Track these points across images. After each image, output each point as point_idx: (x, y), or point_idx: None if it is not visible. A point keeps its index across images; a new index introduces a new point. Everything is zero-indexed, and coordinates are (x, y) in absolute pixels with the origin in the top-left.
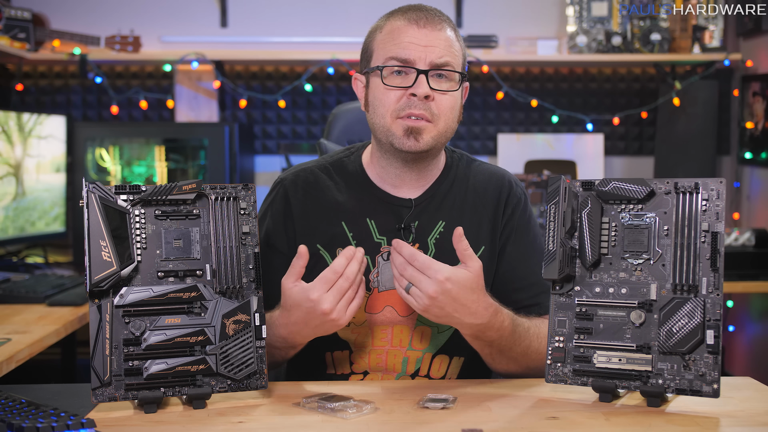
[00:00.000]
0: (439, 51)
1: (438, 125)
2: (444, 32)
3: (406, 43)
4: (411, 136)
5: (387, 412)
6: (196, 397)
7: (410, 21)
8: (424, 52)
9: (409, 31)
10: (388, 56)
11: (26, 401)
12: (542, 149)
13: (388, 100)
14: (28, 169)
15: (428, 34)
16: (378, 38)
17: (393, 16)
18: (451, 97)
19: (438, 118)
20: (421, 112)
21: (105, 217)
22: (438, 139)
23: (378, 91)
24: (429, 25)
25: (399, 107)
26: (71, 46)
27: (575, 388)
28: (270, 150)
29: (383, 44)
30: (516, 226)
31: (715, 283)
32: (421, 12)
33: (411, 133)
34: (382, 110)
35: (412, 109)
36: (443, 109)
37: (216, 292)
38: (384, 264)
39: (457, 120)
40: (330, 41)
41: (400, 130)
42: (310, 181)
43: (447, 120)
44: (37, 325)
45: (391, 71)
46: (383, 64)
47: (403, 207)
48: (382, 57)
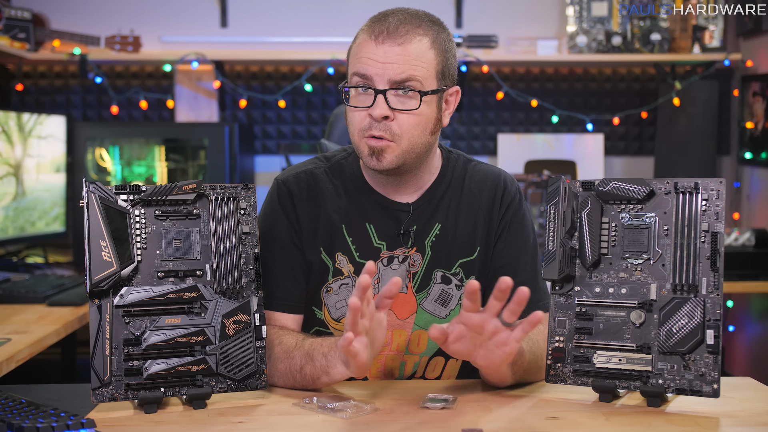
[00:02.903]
0: (398, 67)
1: (401, 144)
2: (408, 45)
3: (365, 59)
4: (373, 156)
5: (387, 412)
6: (196, 397)
7: (370, 35)
8: (382, 68)
9: (369, 46)
10: (352, 72)
11: (26, 401)
12: (542, 149)
13: (354, 120)
14: (28, 169)
15: (387, 50)
16: (351, 51)
17: (365, 26)
18: (415, 116)
19: (400, 137)
20: (380, 133)
21: (105, 217)
22: (403, 157)
23: (347, 110)
24: (389, 39)
25: (363, 127)
26: (71, 46)
27: (575, 388)
28: (270, 150)
29: (352, 59)
30: (509, 223)
31: (715, 283)
32: (384, 24)
33: (373, 153)
34: (351, 128)
35: (372, 130)
36: (405, 127)
37: (216, 292)
38: (384, 269)
39: (428, 133)
40: (330, 41)
41: (366, 148)
42: (311, 184)
43: (411, 138)
44: (37, 325)
45: (356, 91)
46: (350, 80)
47: (401, 211)
48: (350, 72)
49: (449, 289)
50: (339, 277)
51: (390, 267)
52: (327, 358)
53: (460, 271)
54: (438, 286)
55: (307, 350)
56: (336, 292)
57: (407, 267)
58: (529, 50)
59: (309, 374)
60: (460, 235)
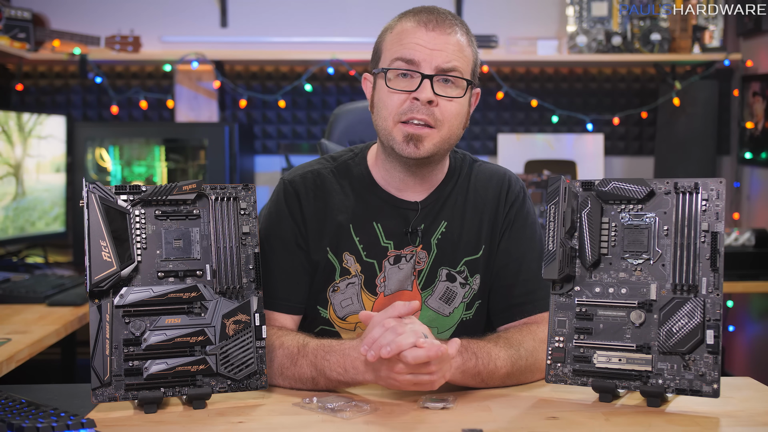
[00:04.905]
0: (446, 55)
1: (441, 131)
2: (453, 36)
3: (413, 44)
4: (411, 143)
5: (387, 412)
6: (196, 397)
7: (419, 23)
8: (430, 55)
9: (417, 33)
10: (394, 57)
11: (26, 401)
12: (542, 149)
13: (391, 103)
14: (28, 169)
15: (436, 38)
16: (387, 39)
17: (404, 17)
18: (457, 104)
19: (441, 124)
20: (423, 116)
21: (105, 217)
22: (440, 145)
23: (382, 93)
24: (438, 28)
25: (402, 111)
26: (71, 46)
27: (575, 388)
28: (270, 150)
29: (391, 45)
30: (512, 221)
31: (715, 283)
32: (432, 14)
33: (411, 139)
34: (385, 113)
35: (414, 114)
36: (447, 115)
37: (216, 292)
38: (390, 268)
39: (462, 127)
40: (330, 41)
41: (400, 135)
42: (317, 184)
43: (451, 127)
44: (37, 325)
45: (397, 74)
46: (389, 65)
47: (408, 210)
48: (389, 58)
49: (454, 287)
50: (346, 277)
51: (397, 266)
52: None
53: (465, 269)
54: (443, 283)
55: (313, 361)
56: (342, 291)
57: (413, 265)
58: (529, 50)
59: (323, 386)
60: (465, 233)
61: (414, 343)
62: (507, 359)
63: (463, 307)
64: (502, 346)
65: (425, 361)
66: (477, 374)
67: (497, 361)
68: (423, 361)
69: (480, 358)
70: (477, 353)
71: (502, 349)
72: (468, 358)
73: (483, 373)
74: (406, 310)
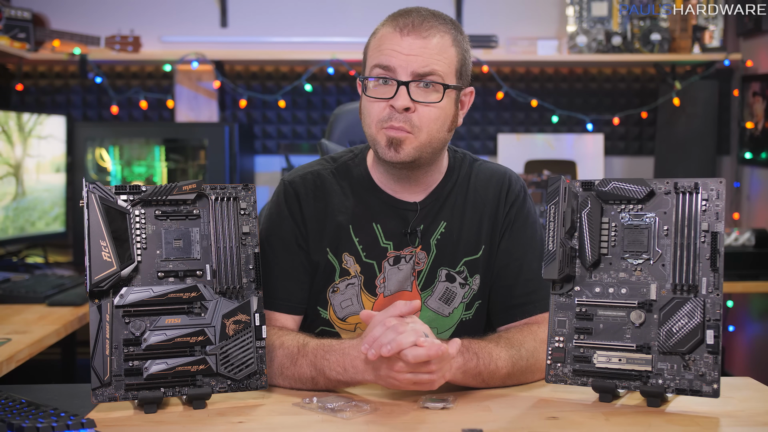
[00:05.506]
0: (422, 60)
1: (419, 137)
2: (431, 39)
3: (389, 50)
4: (392, 147)
5: (387, 412)
6: (196, 397)
7: (395, 28)
8: (406, 60)
9: (394, 38)
10: (373, 64)
11: (26, 401)
12: (542, 149)
13: (372, 111)
14: (28, 169)
15: (412, 43)
16: (371, 44)
17: (386, 21)
18: (436, 108)
19: (419, 130)
20: (400, 124)
21: (105, 217)
22: (421, 150)
23: (365, 100)
24: (414, 32)
25: (382, 118)
26: (71, 46)
27: (575, 388)
28: (270, 150)
29: (372, 51)
30: (513, 221)
31: (715, 283)
32: (410, 18)
33: (392, 144)
34: (368, 120)
35: (392, 121)
36: (425, 120)
37: (216, 292)
38: (390, 269)
39: (446, 129)
40: (330, 41)
41: (383, 139)
42: (318, 185)
43: (430, 131)
44: (37, 325)
45: (376, 82)
46: (369, 72)
47: (408, 211)
48: (370, 65)
49: (453, 288)
50: (346, 277)
51: (397, 267)
52: (348, 372)
53: (464, 270)
54: (442, 284)
55: (313, 361)
56: (342, 291)
57: (412, 265)
58: (529, 50)
59: (323, 386)
60: (465, 233)
61: (414, 341)
62: (508, 359)
63: (462, 307)
64: (503, 346)
65: (425, 360)
66: (478, 374)
67: (498, 361)
68: (423, 360)
69: (481, 359)
70: (478, 353)
71: (503, 350)
72: (469, 358)
73: (484, 373)
74: (408, 309)
